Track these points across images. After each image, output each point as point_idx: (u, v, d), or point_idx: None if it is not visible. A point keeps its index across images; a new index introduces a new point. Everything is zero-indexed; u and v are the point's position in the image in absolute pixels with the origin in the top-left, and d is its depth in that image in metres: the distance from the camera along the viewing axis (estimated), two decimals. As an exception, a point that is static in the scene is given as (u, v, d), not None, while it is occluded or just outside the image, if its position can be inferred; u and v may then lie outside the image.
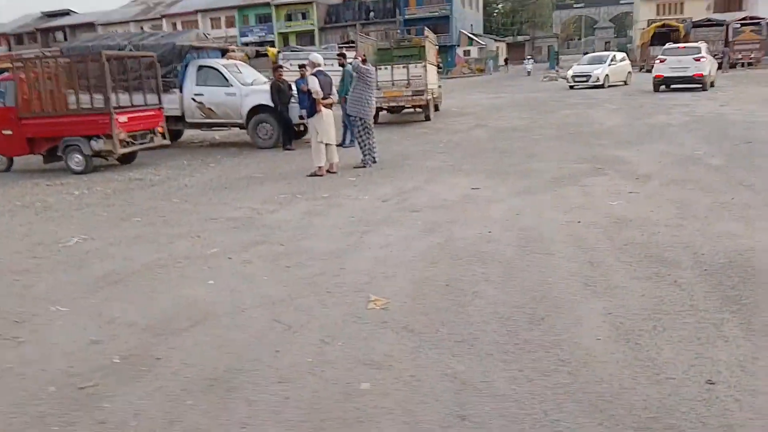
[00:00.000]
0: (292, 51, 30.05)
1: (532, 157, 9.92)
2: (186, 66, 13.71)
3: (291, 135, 13.06)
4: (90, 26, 66.94)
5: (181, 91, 13.61)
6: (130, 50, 13.11)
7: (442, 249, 5.20)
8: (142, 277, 4.97)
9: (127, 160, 12.10)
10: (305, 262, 5.07)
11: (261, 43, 55.58)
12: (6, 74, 11.75)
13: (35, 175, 11.19)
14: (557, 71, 38.28)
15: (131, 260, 5.46)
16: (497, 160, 9.82)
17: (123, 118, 10.92)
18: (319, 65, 9.32)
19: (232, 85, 13.39)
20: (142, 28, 68.99)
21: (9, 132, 11.30)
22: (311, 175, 9.23)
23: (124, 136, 10.93)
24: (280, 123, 13.00)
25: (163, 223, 6.86)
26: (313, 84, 9.06)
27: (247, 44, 56.39)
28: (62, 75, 11.05)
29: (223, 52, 15.32)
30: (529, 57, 52.51)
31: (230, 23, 64.95)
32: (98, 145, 10.85)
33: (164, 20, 66.82)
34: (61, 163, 11.20)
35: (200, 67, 13.62)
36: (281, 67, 13.57)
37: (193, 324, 3.98)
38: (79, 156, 10.99)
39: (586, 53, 37.43)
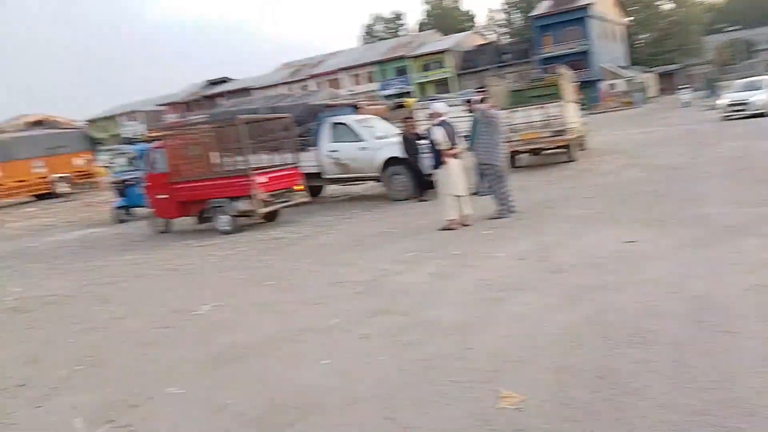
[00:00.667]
0: (430, 100, 30.38)
1: (697, 200, 8.60)
2: (320, 124, 14.04)
3: (424, 185, 12.72)
4: (245, 91, 73.36)
5: (317, 149, 13.91)
6: (266, 113, 13.72)
7: (591, 324, 4.38)
8: (259, 354, 4.71)
9: (271, 218, 12.43)
10: (428, 339, 4.51)
11: (400, 95, 57.08)
12: (159, 142, 12.74)
13: (189, 236, 11.83)
14: (714, 100, 34.82)
15: (254, 332, 5.26)
16: (655, 206, 8.63)
17: (262, 179, 11.26)
18: (441, 115, 8.92)
19: (364, 140, 13.43)
20: (290, 89, 74.83)
21: (164, 196, 12.14)
22: (443, 229, 8.72)
23: (264, 195, 11.25)
24: (413, 174, 12.75)
25: (292, 288, 6.70)
26: (436, 135, 8.67)
27: (387, 97, 58.48)
28: (206, 140, 11.72)
29: (355, 108, 15.57)
30: (685, 86, 48.45)
31: (370, 78, 67.80)
32: (242, 205, 11.26)
33: (311, 81, 71.38)
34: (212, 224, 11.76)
35: (333, 125, 13.85)
36: (411, 118, 13.40)
37: (300, 417, 3.57)
38: (225, 217, 11.47)
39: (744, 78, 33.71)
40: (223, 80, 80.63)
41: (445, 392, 3.60)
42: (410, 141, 12.62)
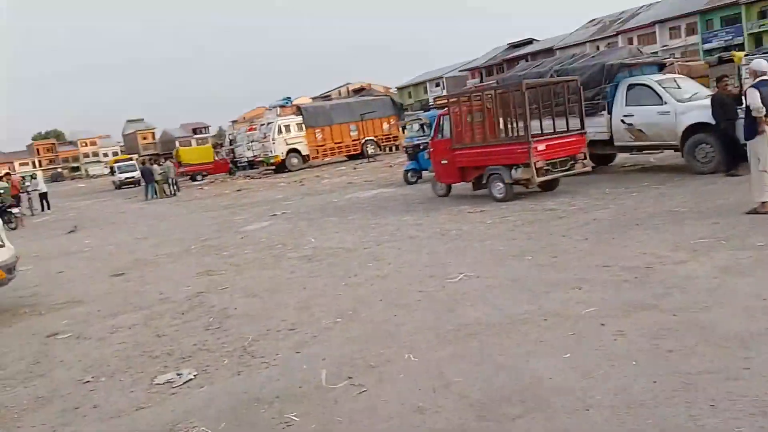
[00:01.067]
0: (763, 54, 25.44)
1: None
2: (616, 86, 12.77)
3: (737, 157, 10.68)
4: (549, 51, 71.29)
5: (609, 114, 12.73)
6: (552, 75, 12.99)
7: None
8: (499, 334, 4.50)
9: (548, 187, 11.94)
10: (694, 348, 3.73)
11: (726, 48, 49.08)
12: (445, 109, 13.10)
13: (465, 201, 12.07)
14: None
15: (499, 309, 5.06)
16: None
17: (541, 146, 10.81)
18: (763, 73, 7.22)
19: (666, 103, 11.80)
20: (597, 47, 70.06)
21: (445, 162, 12.54)
22: (751, 213, 7.20)
23: (542, 164, 10.80)
24: (723, 143, 10.80)
25: (550, 266, 6.28)
26: (753, 98, 7.06)
27: (710, 51, 50.81)
28: (488, 107, 11.64)
29: (661, 67, 13.74)
30: None
31: (691, 31, 59.62)
32: (517, 173, 11.01)
33: (619, 37, 65.90)
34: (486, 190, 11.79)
35: (631, 86, 12.45)
36: (726, 76, 11.30)
37: (524, 412, 3.28)
38: (500, 184, 11.37)
39: None
40: (526, 42, 79.68)
41: (698, 418, 2.92)
42: (724, 104, 10.69)
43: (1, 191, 21.54)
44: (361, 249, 8.57)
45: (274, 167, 33.28)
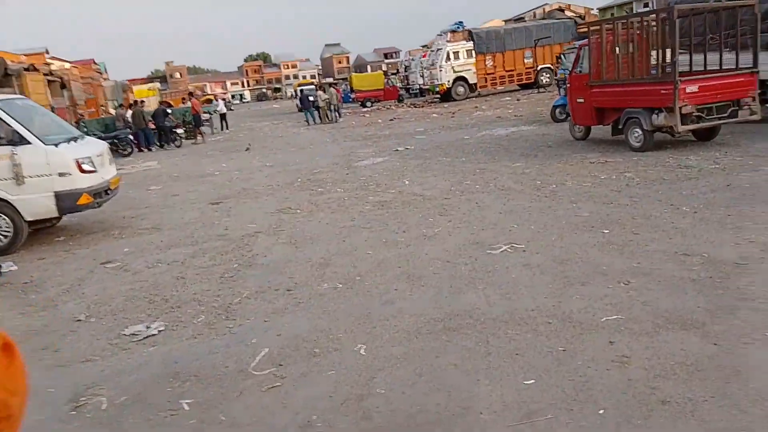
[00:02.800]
0: None
1: None
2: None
3: None
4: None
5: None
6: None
7: None
8: (479, 333, 3.62)
9: (706, 136, 9.83)
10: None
11: None
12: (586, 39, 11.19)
13: (598, 148, 10.42)
14: None
15: (507, 299, 4.12)
16: None
17: (692, 88, 8.78)
18: None
19: None
20: None
21: (581, 100, 10.87)
22: None
23: (690, 109, 8.81)
24: None
25: (619, 247, 5.00)
26: None
27: None
28: (639, 38, 9.68)
29: None
30: None
31: None
32: (659, 119, 9.13)
33: None
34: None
35: None
36: None
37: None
38: (638, 131, 9.56)
39: None
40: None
41: None
42: None
43: (184, 113, 23.84)
44: (440, 199, 7.76)
45: (439, 96, 32.49)
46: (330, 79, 58.61)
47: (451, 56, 31.56)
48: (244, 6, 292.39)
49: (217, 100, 30.72)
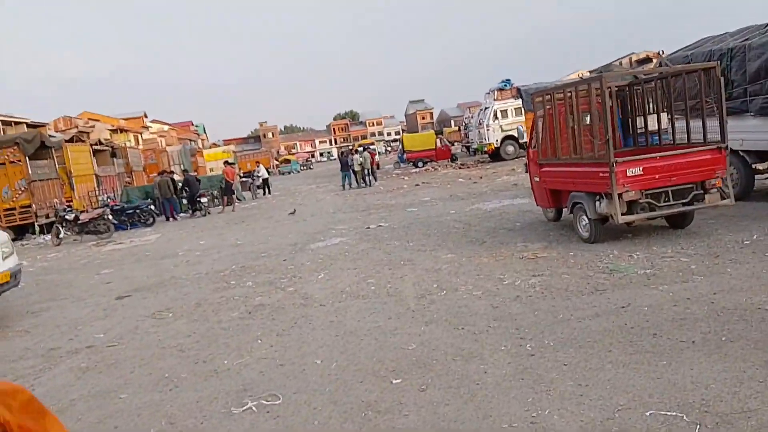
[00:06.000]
0: None
1: None
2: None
3: None
4: None
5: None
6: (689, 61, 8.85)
7: None
8: None
9: (678, 223, 8.26)
10: None
11: None
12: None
13: (551, 235, 9.06)
14: None
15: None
16: None
17: (634, 170, 7.36)
18: None
19: None
20: None
21: (537, 179, 9.58)
22: None
23: (634, 195, 7.37)
24: None
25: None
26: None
27: None
28: (583, 110, 8.38)
29: None
30: None
31: None
32: (601, 207, 7.73)
33: None
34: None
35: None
36: None
37: None
38: (585, 218, 8.16)
39: None
40: None
41: None
42: None
43: (221, 180, 24.15)
44: (316, 306, 6.79)
45: (488, 155, 31.43)
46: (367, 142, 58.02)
47: (499, 115, 30.53)
48: (340, 66, 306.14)
49: (258, 166, 31.10)
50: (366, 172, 26.57)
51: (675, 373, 3.85)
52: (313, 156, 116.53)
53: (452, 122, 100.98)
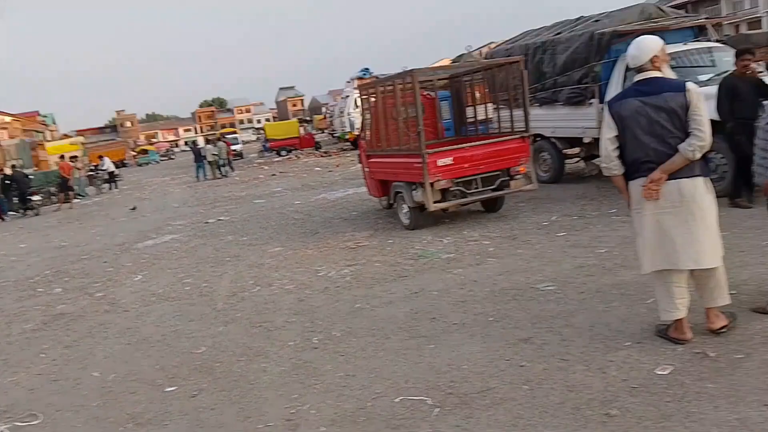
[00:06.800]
0: None
1: None
2: (614, 63, 8.95)
3: (748, 178, 6.71)
4: None
5: (601, 102, 8.99)
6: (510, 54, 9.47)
7: None
8: None
9: (491, 207, 8.75)
10: None
11: None
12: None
13: (379, 223, 9.26)
14: None
15: None
16: None
17: (444, 160, 7.66)
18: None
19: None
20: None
21: (367, 169, 9.73)
22: (664, 336, 3.82)
23: (446, 183, 7.69)
24: (734, 154, 6.92)
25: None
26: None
27: None
28: (400, 103, 8.58)
29: (700, 30, 9.48)
30: None
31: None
32: (418, 195, 7.99)
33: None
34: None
35: (629, 63, 8.59)
36: (747, 51, 7.15)
37: None
38: (404, 207, 8.41)
39: None
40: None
41: None
42: (736, 93, 6.78)
43: (57, 176, 22.11)
44: (131, 310, 6.42)
45: (350, 143, 31.63)
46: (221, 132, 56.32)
47: (359, 103, 30.75)
48: (206, 52, 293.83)
49: (102, 159, 29.03)
50: (222, 162, 25.70)
51: (437, 356, 4.04)
52: (176, 145, 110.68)
53: (323, 110, 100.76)
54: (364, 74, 32.74)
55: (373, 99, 9.07)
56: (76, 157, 27.27)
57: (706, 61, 8.49)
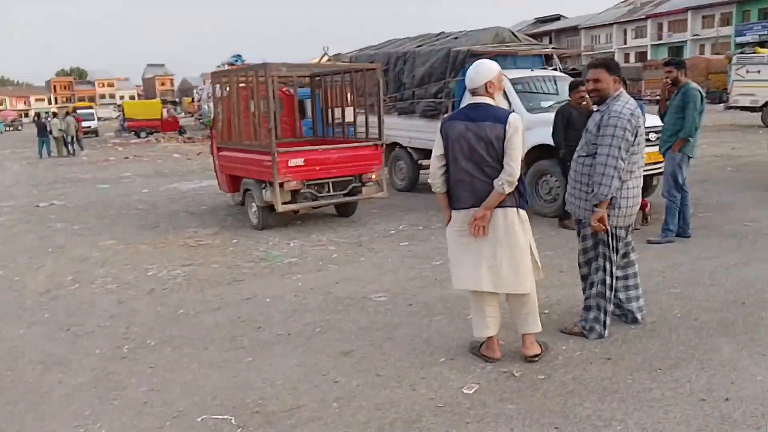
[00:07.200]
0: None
1: None
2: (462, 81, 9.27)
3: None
4: (574, 30, 66.16)
5: (454, 117, 9.25)
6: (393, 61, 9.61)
7: None
8: None
9: (344, 212, 8.71)
10: None
11: (761, 44, 43.77)
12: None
13: (228, 220, 8.90)
14: None
15: None
16: None
17: (296, 161, 7.51)
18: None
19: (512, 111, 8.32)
20: (625, 31, 64.37)
21: (217, 162, 9.33)
22: (476, 353, 3.91)
23: (295, 185, 7.53)
24: (566, 178, 7.38)
25: None
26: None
27: (742, 45, 45.41)
28: (256, 96, 8.30)
29: (548, 58, 10.14)
30: None
31: (725, 21, 53.79)
32: (267, 194, 7.76)
33: (649, 21, 60.40)
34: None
35: (481, 83, 8.94)
36: (581, 84, 7.73)
37: None
38: (253, 206, 8.14)
39: None
40: (554, 18, 73.90)
41: None
42: (570, 120, 7.29)
43: None
44: None
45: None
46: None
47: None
48: (70, 16, 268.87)
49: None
50: (70, 139, 23.58)
51: (254, 370, 3.88)
52: (26, 115, 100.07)
53: (194, 92, 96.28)
54: (236, 60, 31.49)
55: (226, 89, 8.68)
56: None
57: (551, 89, 9.08)
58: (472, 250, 3.73)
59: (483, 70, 3.75)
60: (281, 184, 7.39)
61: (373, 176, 8.07)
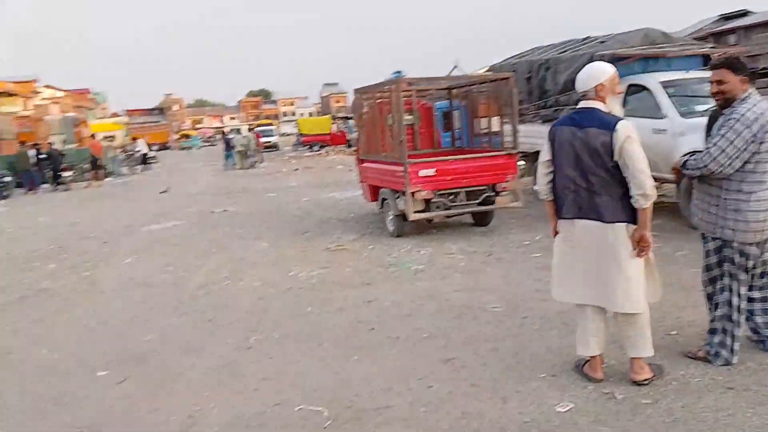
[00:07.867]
0: None
1: None
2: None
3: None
4: (766, 26, 58.75)
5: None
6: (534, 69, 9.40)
7: None
8: None
9: (480, 221, 8.71)
10: None
11: None
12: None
13: (372, 227, 9.32)
14: None
15: None
16: None
17: (426, 171, 7.69)
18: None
19: (665, 116, 7.76)
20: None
21: (360, 173, 9.83)
22: (579, 372, 3.78)
23: (426, 194, 7.71)
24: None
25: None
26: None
27: None
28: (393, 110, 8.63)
29: (708, 59, 9.22)
30: None
31: None
32: (401, 203, 8.03)
33: None
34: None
35: (630, 87, 8.44)
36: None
37: None
38: (390, 214, 8.46)
39: None
40: (740, 14, 66.24)
41: None
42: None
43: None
44: (107, 292, 6.73)
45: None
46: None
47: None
48: (257, 43, 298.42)
49: (135, 141, 29.92)
50: (250, 153, 26.16)
51: (356, 368, 4.09)
52: (222, 133, 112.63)
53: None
54: (397, 76, 32.78)
55: (367, 104, 9.14)
56: (113, 136, 28.12)
57: (707, 92, 8.26)
58: (576, 263, 3.61)
59: (593, 72, 3.59)
60: (413, 194, 7.60)
61: (508, 186, 7.96)
